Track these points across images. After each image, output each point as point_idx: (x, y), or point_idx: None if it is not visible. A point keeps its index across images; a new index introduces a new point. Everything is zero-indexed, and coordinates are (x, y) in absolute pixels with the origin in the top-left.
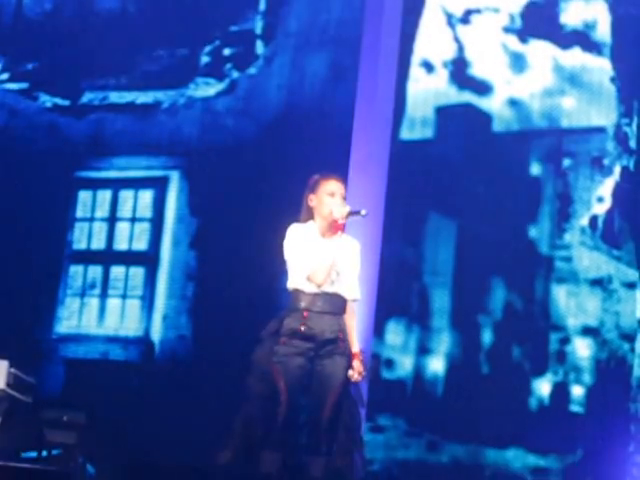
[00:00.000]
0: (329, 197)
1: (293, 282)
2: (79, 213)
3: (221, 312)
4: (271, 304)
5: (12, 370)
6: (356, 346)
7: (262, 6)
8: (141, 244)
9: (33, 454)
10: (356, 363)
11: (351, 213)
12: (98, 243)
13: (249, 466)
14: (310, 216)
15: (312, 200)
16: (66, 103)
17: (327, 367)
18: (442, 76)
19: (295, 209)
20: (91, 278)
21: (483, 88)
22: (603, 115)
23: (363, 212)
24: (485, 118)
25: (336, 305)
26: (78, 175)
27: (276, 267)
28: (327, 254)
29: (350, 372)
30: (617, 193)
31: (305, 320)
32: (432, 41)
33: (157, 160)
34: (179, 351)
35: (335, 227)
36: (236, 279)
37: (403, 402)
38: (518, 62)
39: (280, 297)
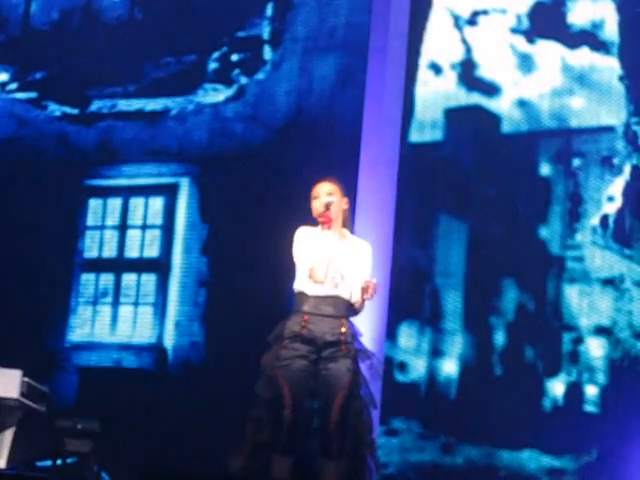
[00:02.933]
0: (315, 200)
1: (298, 284)
2: (90, 221)
3: (233, 318)
4: (283, 309)
5: (25, 379)
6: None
7: (269, 11)
8: (152, 251)
9: (48, 463)
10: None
11: (328, 203)
12: (109, 251)
13: (260, 471)
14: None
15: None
16: (75, 112)
17: (332, 370)
18: (450, 78)
19: (305, 214)
20: (103, 286)
21: (492, 89)
22: (612, 114)
23: (331, 199)
24: (494, 119)
25: (338, 308)
26: (88, 183)
27: (287, 272)
28: (326, 250)
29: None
30: (627, 192)
31: (306, 323)
32: (440, 43)
33: (167, 167)
34: (192, 357)
35: (322, 222)
36: (248, 285)
37: (417, 405)
38: (526, 63)
39: (292, 302)
